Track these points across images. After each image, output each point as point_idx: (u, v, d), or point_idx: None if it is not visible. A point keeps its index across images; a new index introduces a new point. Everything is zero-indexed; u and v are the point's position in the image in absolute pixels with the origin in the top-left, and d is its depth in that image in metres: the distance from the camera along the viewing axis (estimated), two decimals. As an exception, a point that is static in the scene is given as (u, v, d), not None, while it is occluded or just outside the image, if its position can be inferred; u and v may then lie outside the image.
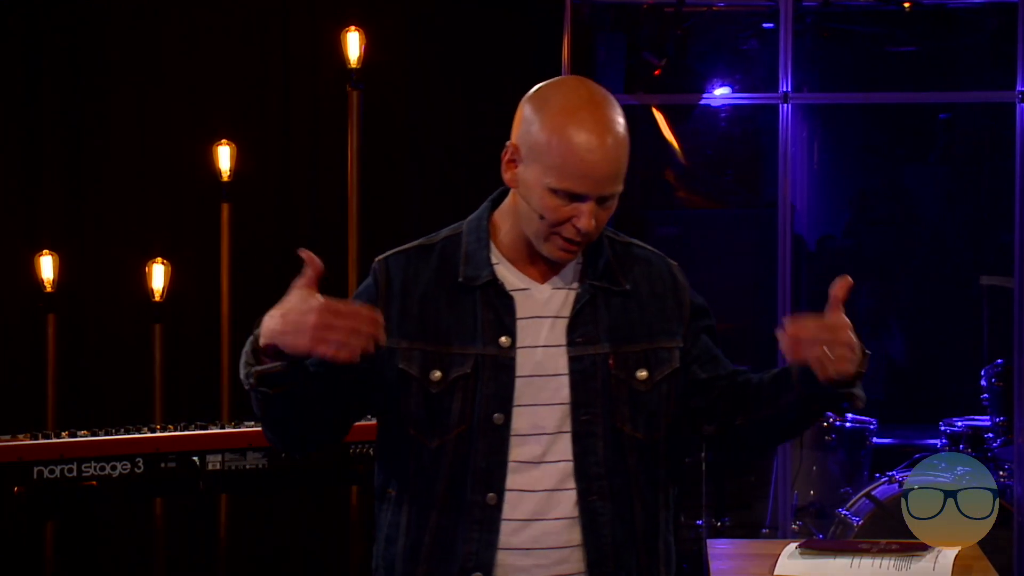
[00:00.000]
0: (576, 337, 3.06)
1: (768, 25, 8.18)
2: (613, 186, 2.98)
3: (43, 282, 6.03)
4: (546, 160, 2.96)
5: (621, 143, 2.98)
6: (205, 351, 6.37)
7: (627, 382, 3.06)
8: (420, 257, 3.14)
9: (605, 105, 2.99)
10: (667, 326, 3.13)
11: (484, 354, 3.03)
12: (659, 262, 3.21)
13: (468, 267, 3.09)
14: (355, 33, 5.88)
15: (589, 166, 2.93)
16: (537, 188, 2.99)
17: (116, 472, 4.66)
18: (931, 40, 9.14)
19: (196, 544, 6.48)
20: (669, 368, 3.10)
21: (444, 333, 3.05)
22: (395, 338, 3.04)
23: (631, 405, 3.06)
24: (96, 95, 6.68)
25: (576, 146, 2.93)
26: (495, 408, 3.01)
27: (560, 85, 3.07)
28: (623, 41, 7.52)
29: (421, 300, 3.08)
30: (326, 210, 6.64)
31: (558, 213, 2.96)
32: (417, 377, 3.03)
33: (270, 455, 4.81)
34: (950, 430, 7.05)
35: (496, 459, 3.01)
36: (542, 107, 3.02)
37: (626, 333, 3.09)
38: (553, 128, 2.96)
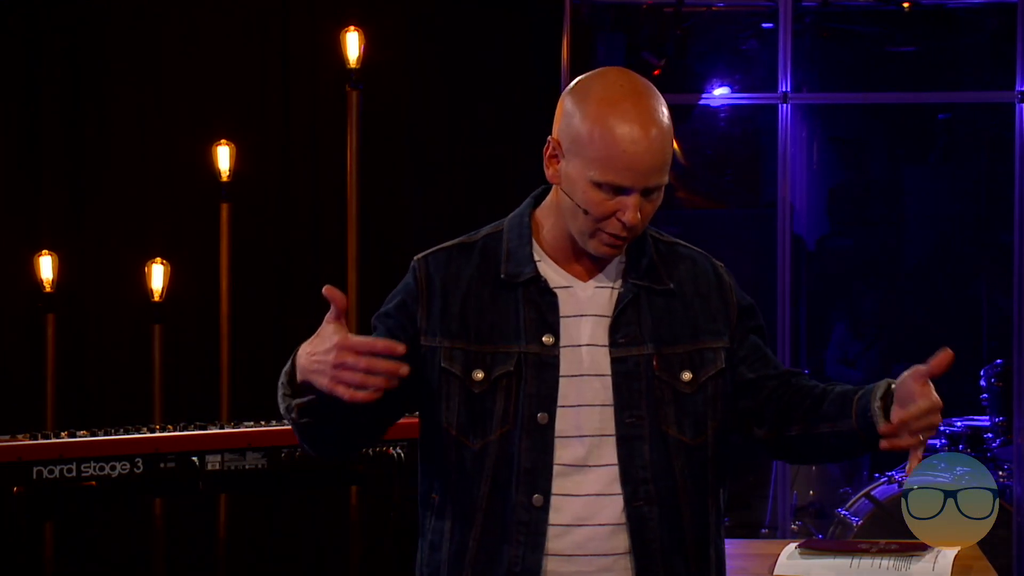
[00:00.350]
0: (619, 337, 2.99)
1: (767, 25, 8.17)
2: (658, 177, 2.92)
3: (43, 282, 6.03)
4: (589, 153, 2.90)
5: (665, 133, 2.91)
6: (205, 351, 6.37)
7: (671, 384, 2.99)
8: (461, 255, 3.06)
9: (648, 95, 2.94)
10: (712, 326, 3.06)
11: (527, 352, 2.96)
12: (704, 261, 3.15)
13: (510, 264, 3.02)
14: (355, 33, 5.88)
15: (633, 158, 2.87)
16: (580, 182, 2.92)
17: (115, 472, 4.66)
18: (931, 40, 9.14)
19: (196, 544, 6.47)
20: (714, 369, 3.03)
21: (486, 332, 2.99)
22: (437, 337, 2.99)
23: (676, 407, 2.99)
24: (96, 95, 6.68)
25: (619, 137, 2.87)
26: (539, 407, 2.94)
27: (601, 76, 3.02)
28: (623, 41, 7.52)
29: (463, 298, 3.01)
30: (325, 210, 6.65)
31: (603, 207, 2.91)
32: (460, 376, 2.97)
33: (269, 455, 4.80)
34: (949, 430, 7.05)
35: (542, 460, 2.94)
36: (583, 99, 2.96)
37: (670, 333, 3.02)
38: (595, 120, 2.90)
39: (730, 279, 3.14)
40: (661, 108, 2.92)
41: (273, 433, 4.82)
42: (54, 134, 6.66)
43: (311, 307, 6.66)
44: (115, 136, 6.69)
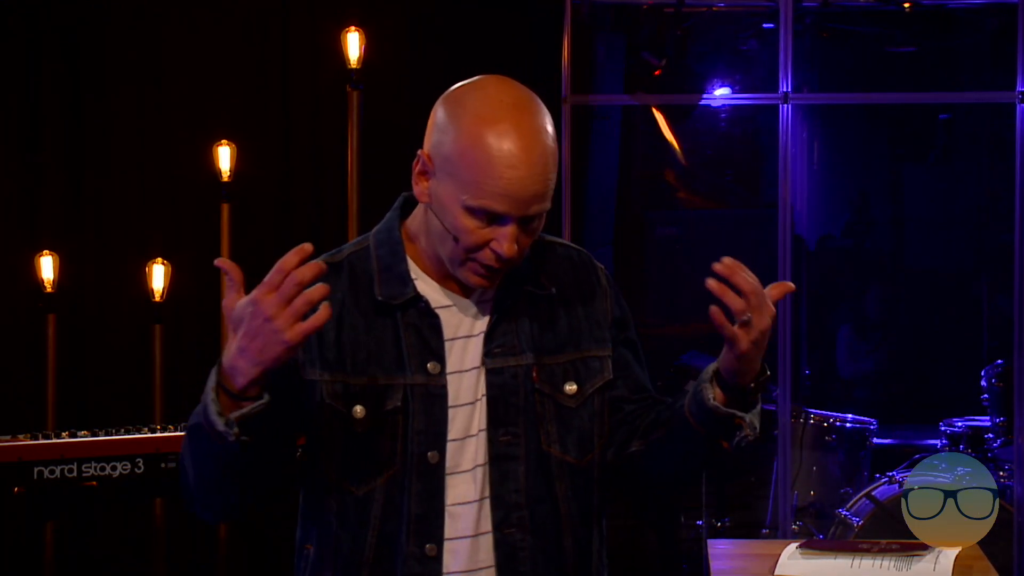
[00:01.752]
0: (494, 348, 2.71)
1: (768, 25, 8.17)
2: (540, 204, 2.61)
3: (43, 282, 6.03)
4: (462, 175, 2.58)
5: (549, 155, 2.61)
6: (205, 351, 6.37)
7: (553, 397, 2.73)
8: (327, 278, 2.60)
9: (530, 110, 2.66)
10: (597, 332, 2.81)
11: (413, 384, 2.67)
12: (585, 262, 2.88)
13: (385, 285, 2.71)
14: (355, 33, 5.88)
15: (511, 183, 2.56)
16: (451, 206, 2.61)
17: (116, 472, 4.66)
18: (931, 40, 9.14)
19: (196, 544, 6.48)
20: (600, 380, 2.78)
21: (363, 362, 2.68)
22: (316, 369, 2.68)
23: (559, 423, 2.72)
24: (96, 95, 6.69)
25: (496, 160, 2.56)
26: (428, 445, 2.66)
27: (478, 88, 2.76)
28: (623, 41, 7.52)
29: (337, 325, 2.69)
30: (326, 210, 6.65)
31: (475, 236, 2.60)
32: (342, 413, 2.67)
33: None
34: (950, 430, 7.06)
35: (433, 504, 2.67)
36: (457, 113, 2.67)
37: (553, 342, 2.76)
38: (470, 138, 2.60)
39: (609, 283, 2.88)
40: (546, 126, 2.64)
41: (274, 433, 4.82)
42: (55, 134, 6.66)
43: (311, 307, 6.69)
44: (116, 136, 6.69)
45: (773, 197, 6.89)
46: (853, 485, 6.92)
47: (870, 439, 7.09)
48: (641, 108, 8.07)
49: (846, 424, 7.04)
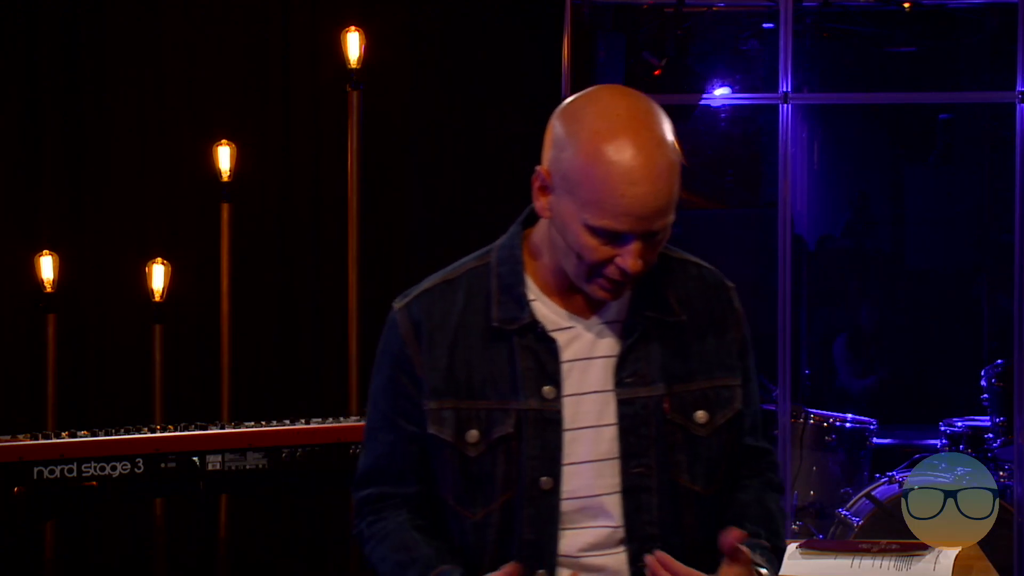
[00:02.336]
0: (626, 377, 2.66)
1: (768, 25, 8.18)
2: (664, 219, 2.54)
3: (43, 282, 6.03)
4: (581, 194, 2.51)
5: (670, 169, 2.52)
6: (205, 351, 6.37)
7: (684, 426, 2.67)
8: (444, 296, 2.70)
9: (649, 122, 2.53)
10: (728, 360, 2.75)
11: (526, 408, 2.63)
12: (717, 284, 2.81)
13: (502, 308, 2.67)
14: (355, 33, 5.88)
15: (632, 201, 2.48)
16: (572, 224, 2.54)
17: (116, 472, 4.65)
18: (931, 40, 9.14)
19: (196, 544, 6.48)
20: (731, 411, 2.73)
21: (479, 386, 2.65)
22: (431, 399, 2.67)
23: (688, 453, 2.68)
24: (96, 95, 6.68)
25: (616, 178, 2.48)
26: (542, 471, 2.63)
27: (594, 100, 2.58)
28: (623, 41, 7.51)
29: (450, 348, 2.67)
30: (326, 210, 6.64)
31: (598, 253, 2.54)
32: (451, 442, 2.66)
33: (270, 455, 4.80)
34: (950, 430, 7.05)
35: (547, 529, 2.64)
36: (574, 129, 2.55)
37: (682, 369, 2.69)
38: (588, 156, 2.49)
39: (740, 306, 2.82)
40: (666, 136, 2.54)
41: (274, 433, 4.82)
42: (55, 134, 6.66)
43: (312, 307, 6.69)
44: (116, 136, 6.69)
45: (773, 197, 6.89)
46: (853, 485, 6.92)
47: (870, 439, 7.08)
48: (641, 108, 8.05)
49: (846, 424, 7.04)
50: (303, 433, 4.83)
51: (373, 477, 2.78)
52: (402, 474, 2.74)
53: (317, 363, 6.68)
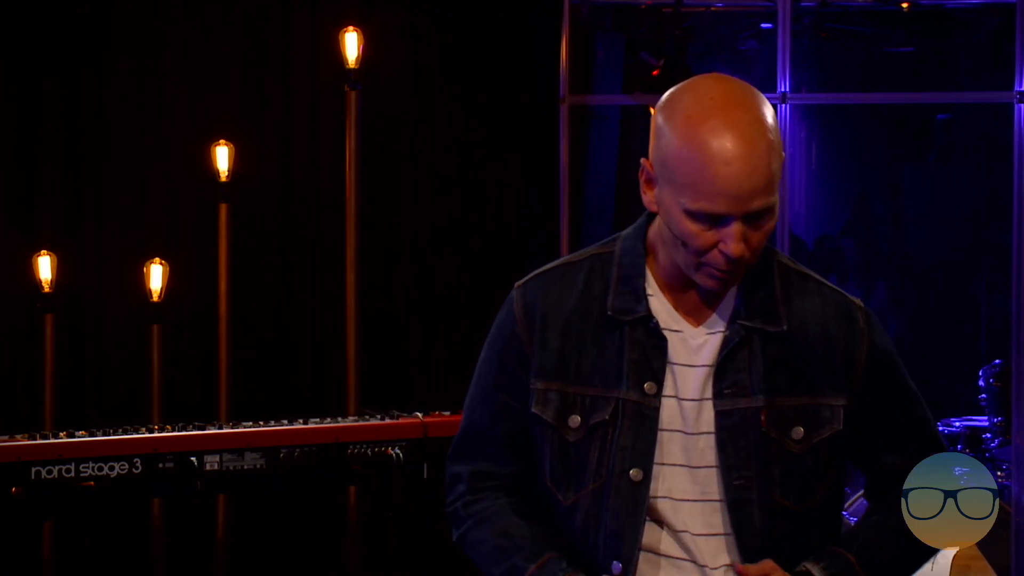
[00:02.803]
0: (724, 388, 2.65)
1: (766, 25, 8.17)
2: (763, 199, 2.53)
3: (41, 282, 6.02)
4: (679, 178, 2.53)
5: (766, 147, 2.53)
6: (203, 351, 6.37)
7: (779, 440, 2.66)
8: (564, 279, 2.72)
9: (744, 104, 2.57)
10: (833, 379, 2.70)
11: (626, 399, 2.65)
12: (838, 302, 2.77)
13: (619, 298, 2.68)
14: (353, 33, 5.88)
15: (726, 181, 2.49)
16: (674, 212, 2.56)
17: (114, 472, 4.65)
18: (929, 40, 9.13)
19: (194, 544, 6.47)
20: (829, 430, 2.69)
21: (587, 372, 2.68)
22: (539, 379, 2.70)
23: (783, 467, 2.66)
24: (95, 95, 6.68)
25: (709, 158, 2.50)
26: (632, 462, 2.64)
27: (689, 88, 2.65)
28: (621, 41, 7.52)
29: (563, 332, 2.69)
30: (324, 210, 6.64)
31: (701, 239, 2.55)
32: (552, 424, 2.69)
33: (268, 455, 4.80)
34: (948, 430, 7.06)
35: (629, 521, 2.65)
36: (671, 116, 2.58)
37: (783, 382, 2.67)
38: (683, 139, 2.53)
39: (868, 325, 2.77)
40: (763, 117, 2.56)
41: (272, 433, 4.82)
42: (53, 135, 6.65)
43: (310, 307, 6.69)
44: (114, 136, 6.68)
45: (771, 197, 6.88)
46: (850, 485, 6.91)
47: (868, 439, 7.07)
48: (640, 108, 8.06)
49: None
50: (301, 433, 4.83)
51: (468, 451, 2.82)
52: (499, 450, 2.77)
53: (315, 363, 6.67)
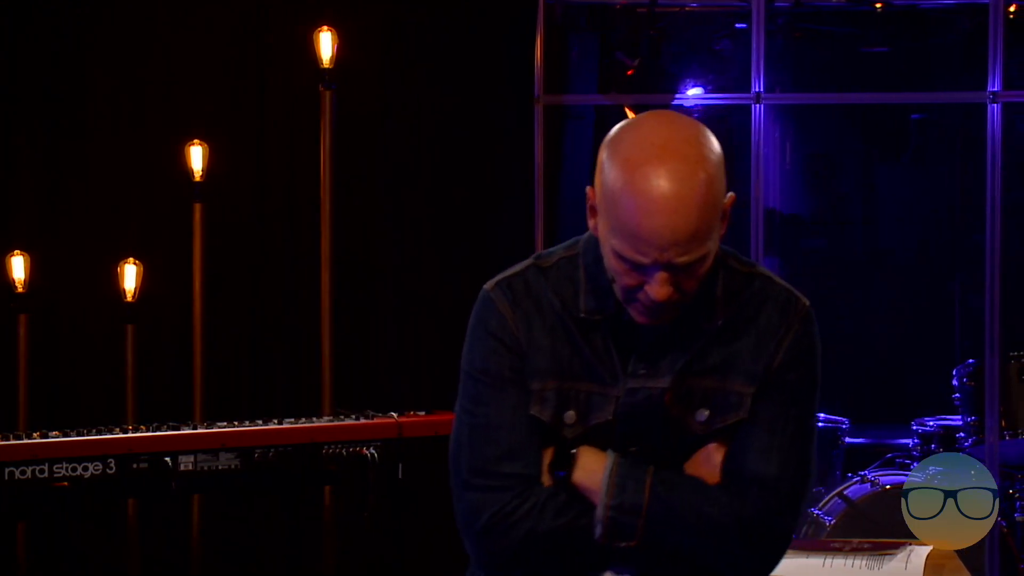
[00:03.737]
0: (640, 369, 2.67)
1: (741, 25, 8.18)
2: (688, 253, 2.50)
3: (14, 282, 6.01)
4: (610, 220, 2.53)
5: (695, 201, 2.49)
6: (178, 352, 6.36)
7: (681, 420, 2.68)
8: (536, 281, 2.72)
9: (682, 153, 2.53)
10: (753, 369, 2.69)
11: (620, 396, 2.67)
12: (780, 298, 2.73)
13: (588, 298, 2.69)
14: (328, 33, 5.87)
15: (650, 232, 2.47)
16: (607, 248, 2.57)
17: (88, 473, 4.64)
18: (903, 41, 9.15)
19: (169, 545, 6.46)
20: (734, 417, 2.68)
21: (578, 369, 2.68)
22: (533, 379, 2.69)
23: (680, 446, 2.69)
24: (70, 95, 6.66)
25: (636, 207, 2.47)
26: (630, 444, 2.69)
27: (635, 126, 2.59)
28: (596, 41, 7.52)
29: (550, 332, 2.69)
30: (299, 210, 6.63)
31: (628, 278, 2.56)
32: (549, 423, 2.68)
33: (242, 455, 4.79)
34: (922, 429, 7.06)
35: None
36: (613, 153, 2.55)
37: (700, 368, 2.68)
38: (615, 181, 2.51)
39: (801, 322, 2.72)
40: (699, 168, 2.53)
41: (246, 433, 4.81)
42: (26, 134, 6.63)
43: (284, 307, 6.68)
44: (88, 136, 6.66)
45: (745, 197, 6.90)
46: (825, 484, 6.92)
47: (842, 438, 7.09)
48: (615, 108, 8.06)
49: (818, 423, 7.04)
50: (276, 433, 4.83)
51: (509, 458, 2.70)
52: (535, 451, 2.70)
53: (290, 363, 6.67)
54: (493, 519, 2.67)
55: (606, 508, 2.61)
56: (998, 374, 6.61)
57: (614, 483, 2.62)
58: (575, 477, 2.65)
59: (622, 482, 2.62)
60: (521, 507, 2.66)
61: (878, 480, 6.42)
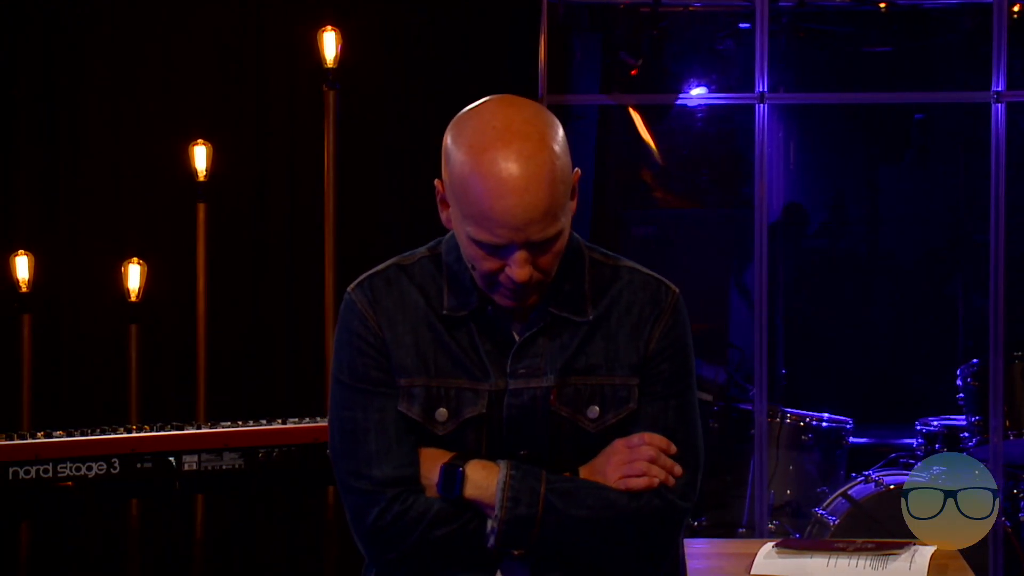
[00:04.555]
0: (519, 369, 2.68)
1: (744, 25, 8.20)
2: (543, 229, 2.53)
3: (18, 282, 6.01)
4: (462, 207, 2.57)
5: (544, 179, 2.51)
6: (181, 351, 6.36)
7: (572, 420, 2.69)
8: (399, 280, 2.75)
9: (525, 133, 2.54)
10: (631, 359, 2.71)
11: (496, 390, 2.68)
12: (649, 286, 2.76)
13: (452, 296, 2.71)
14: (331, 33, 5.87)
15: (503, 214, 2.50)
16: (462, 236, 2.61)
17: (92, 472, 4.64)
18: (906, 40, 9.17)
19: (172, 545, 6.46)
20: (626, 410, 2.70)
21: (446, 367, 2.69)
22: (400, 377, 2.70)
23: (574, 445, 2.70)
24: (72, 94, 6.66)
25: (486, 191, 2.51)
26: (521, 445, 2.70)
27: (476, 113, 2.64)
28: (599, 41, 7.53)
29: (413, 329, 2.70)
30: (302, 210, 6.63)
31: (487, 263, 2.58)
32: (419, 420, 2.68)
33: (246, 455, 4.79)
34: (926, 429, 7.07)
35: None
36: (457, 141, 2.62)
37: (582, 364, 2.69)
38: (463, 167, 2.56)
39: (671, 308, 2.75)
40: (543, 147, 2.54)
41: (250, 433, 4.81)
42: (29, 133, 6.63)
43: (288, 307, 6.68)
44: (91, 135, 6.67)
45: (749, 197, 6.90)
46: (829, 484, 6.93)
47: (846, 438, 7.10)
48: (617, 108, 8.08)
49: (822, 423, 7.05)
50: (279, 433, 4.83)
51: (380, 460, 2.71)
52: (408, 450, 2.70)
53: (293, 363, 6.67)
54: (377, 524, 2.70)
55: (500, 522, 2.63)
56: (1002, 374, 6.62)
57: (507, 496, 2.63)
58: (467, 494, 2.65)
59: (515, 495, 2.63)
60: (407, 514, 2.67)
61: (882, 480, 6.42)
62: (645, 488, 2.65)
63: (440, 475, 2.65)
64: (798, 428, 7.00)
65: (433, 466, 2.67)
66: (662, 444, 2.68)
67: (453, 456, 2.67)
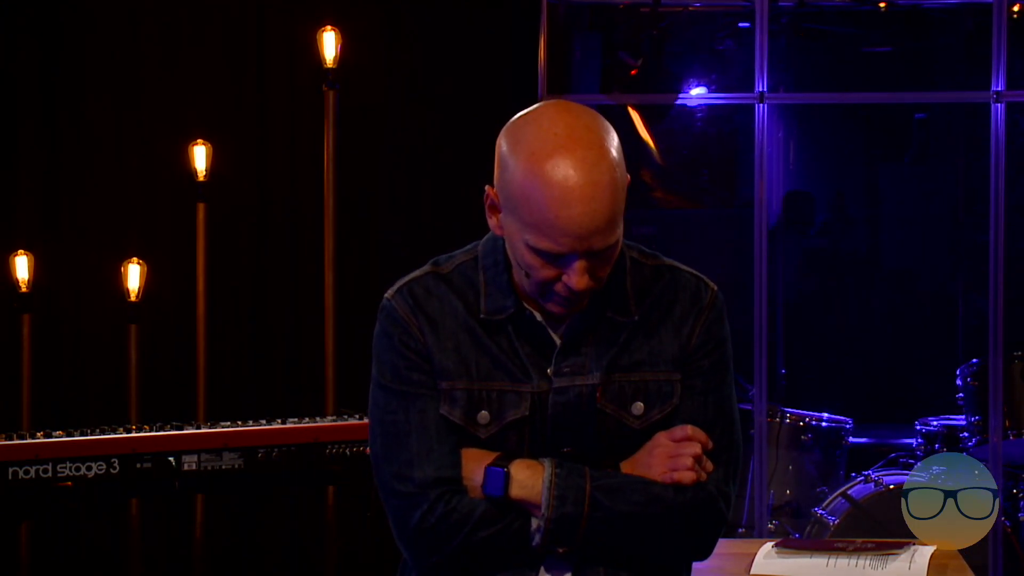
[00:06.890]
0: (564, 367, 2.69)
1: (744, 25, 8.19)
2: (605, 238, 2.54)
3: (18, 282, 6.01)
4: (522, 215, 2.54)
5: (607, 187, 2.52)
6: (181, 351, 6.36)
7: (617, 416, 2.71)
8: (437, 286, 2.76)
9: (588, 140, 2.54)
10: (674, 355, 2.74)
11: (538, 391, 2.69)
12: (690, 287, 2.79)
13: (489, 300, 2.71)
14: (331, 33, 5.88)
15: (568, 223, 2.50)
16: (519, 244, 2.58)
17: (91, 472, 4.64)
18: (906, 40, 9.17)
19: (172, 544, 6.46)
20: (670, 406, 2.73)
21: (487, 370, 2.70)
22: (442, 380, 2.71)
23: (620, 442, 2.72)
24: (72, 94, 6.65)
25: (551, 200, 2.49)
26: (566, 443, 2.71)
27: (535, 119, 2.60)
28: (599, 41, 7.53)
29: (454, 334, 2.71)
30: (302, 210, 6.63)
31: (544, 272, 2.57)
32: (461, 423, 2.70)
33: (246, 455, 4.79)
34: (926, 429, 7.07)
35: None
36: (515, 148, 2.57)
37: (626, 362, 2.71)
38: (525, 177, 2.52)
39: (711, 305, 2.78)
40: (605, 154, 2.54)
41: (250, 433, 4.81)
42: (30, 133, 6.63)
43: (288, 307, 6.67)
44: (92, 135, 6.66)
45: (749, 197, 6.90)
46: (829, 484, 6.93)
47: (846, 438, 7.09)
48: (617, 108, 8.07)
49: (822, 423, 7.05)
50: (279, 433, 4.83)
51: (422, 462, 2.71)
52: (449, 452, 2.70)
53: (293, 363, 6.67)
54: (421, 526, 2.68)
55: (547, 520, 2.64)
56: (1002, 374, 6.61)
57: (554, 495, 2.64)
58: (513, 494, 2.65)
59: (562, 493, 2.64)
60: (451, 515, 2.67)
61: (882, 480, 6.41)
62: (693, 482, 2.67)
63: (485, 476, 2.66)
64: (798, 428, 7.00)
65: (475, 467, 2.68)
66: (702, 438, 2.69)
67: (496, 456, 2.68)
